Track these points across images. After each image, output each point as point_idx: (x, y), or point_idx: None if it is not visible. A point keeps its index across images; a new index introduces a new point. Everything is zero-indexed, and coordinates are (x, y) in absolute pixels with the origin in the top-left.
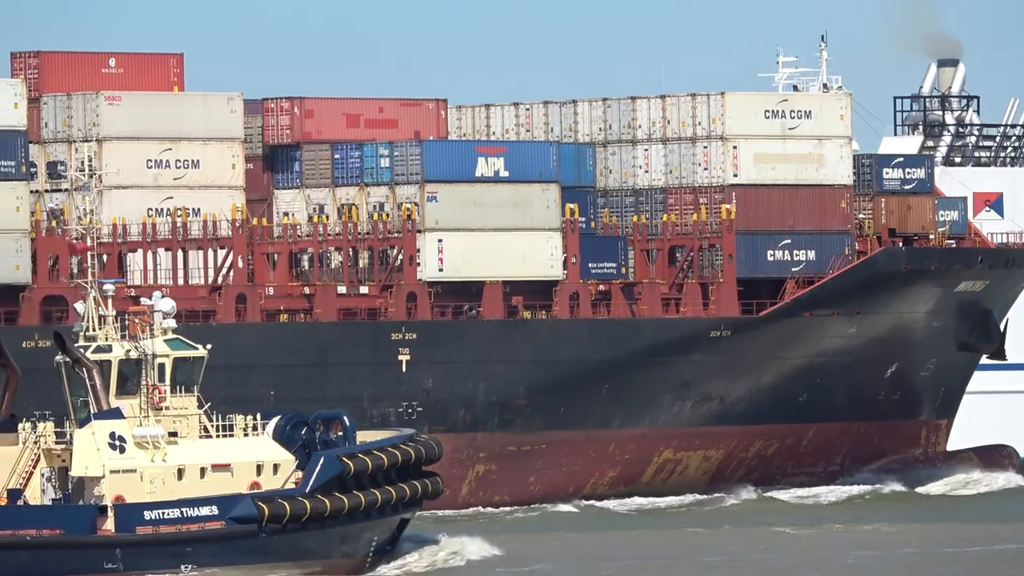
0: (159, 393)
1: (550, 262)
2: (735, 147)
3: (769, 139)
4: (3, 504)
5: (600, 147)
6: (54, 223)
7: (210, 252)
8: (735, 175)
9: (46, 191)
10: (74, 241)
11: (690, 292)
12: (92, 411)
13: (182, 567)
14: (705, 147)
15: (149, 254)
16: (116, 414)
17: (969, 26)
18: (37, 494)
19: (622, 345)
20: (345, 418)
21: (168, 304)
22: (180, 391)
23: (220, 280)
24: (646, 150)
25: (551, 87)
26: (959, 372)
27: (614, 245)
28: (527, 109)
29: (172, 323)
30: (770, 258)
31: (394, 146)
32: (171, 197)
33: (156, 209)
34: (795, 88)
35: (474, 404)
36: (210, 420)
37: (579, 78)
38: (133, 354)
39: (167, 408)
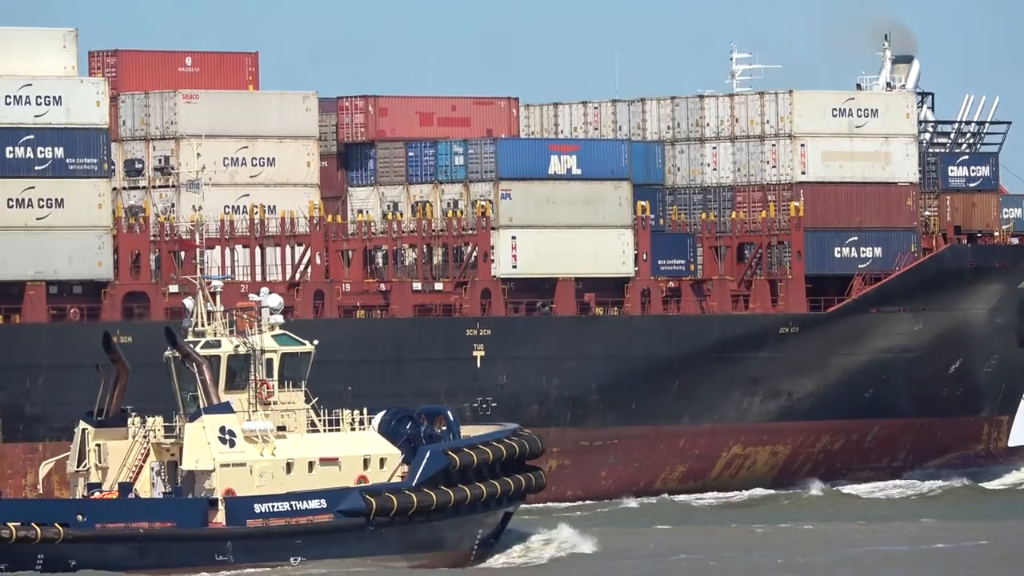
0: (267, 388)
1: (622, 259)
2: (803, 145)
3: (836, 137)
4: (115, 497)
5: (668, 145)
6: (132, 220)
7: (287, 249)
8: (803, 172)
9: (124, 188)
10: (185, 237)
11: (759, 289)
12: (201, 406)
13: (291, 559)
14: (773, 145)
15: (227, 251)
16: (226, 408)
17: (923, 23)
18: (147, 487)
19: (692, 341)
20: (449, 413)
21: (276, 300)
22: (288, 386)
23: (297, 276)
24: (714, 148)
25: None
26: (1020, 368)
27: (683, 242)
28: (595, 108)
29: (279, 319)
30: (837, 255)
31: (468, 144)
32: (247, 195)
33: (233, 206)
34: (859, 87)
35: (547, 399)
36: (317, 415)
37: (647, 77)
38: (242, 349)
39: (275, 403)
